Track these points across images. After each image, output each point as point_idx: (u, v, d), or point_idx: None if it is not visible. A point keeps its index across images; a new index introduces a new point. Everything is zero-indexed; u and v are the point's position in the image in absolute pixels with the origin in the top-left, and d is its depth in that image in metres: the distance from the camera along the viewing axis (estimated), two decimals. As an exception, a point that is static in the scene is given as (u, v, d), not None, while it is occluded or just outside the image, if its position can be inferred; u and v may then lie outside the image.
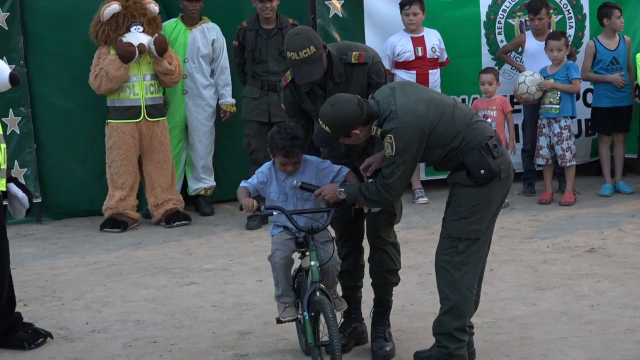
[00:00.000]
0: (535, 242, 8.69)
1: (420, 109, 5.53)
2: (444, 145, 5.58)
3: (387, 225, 6.20)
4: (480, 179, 5.60)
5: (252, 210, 5.76)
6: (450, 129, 5.58)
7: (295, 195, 5.93)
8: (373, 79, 5.92)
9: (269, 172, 5.98)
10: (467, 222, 5.64)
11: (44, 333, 6.58)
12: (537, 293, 7.27)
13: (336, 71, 5.86)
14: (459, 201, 5.68)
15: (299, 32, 5.76)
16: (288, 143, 5.77)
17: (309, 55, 5.65)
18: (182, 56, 10.04)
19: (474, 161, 5.59)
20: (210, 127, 10.27)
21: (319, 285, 5.70)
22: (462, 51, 10.72)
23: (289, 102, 6.08)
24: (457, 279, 5.66)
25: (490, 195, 5.66)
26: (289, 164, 5.86)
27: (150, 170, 9.83)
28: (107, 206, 9.78)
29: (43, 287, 7.85)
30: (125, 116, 9.63)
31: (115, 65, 9.47)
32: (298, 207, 5.93)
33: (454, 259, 5.65)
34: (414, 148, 5.48)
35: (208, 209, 10.30)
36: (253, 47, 9.73)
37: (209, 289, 7.67)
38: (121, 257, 8.74)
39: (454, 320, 5.69)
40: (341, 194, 5.77)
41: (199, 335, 6.63)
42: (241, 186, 6.02)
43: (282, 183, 5.95)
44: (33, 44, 9.91)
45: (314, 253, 5.76)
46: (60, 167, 10.10)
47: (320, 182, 5.92)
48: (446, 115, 5.59)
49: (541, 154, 10.25)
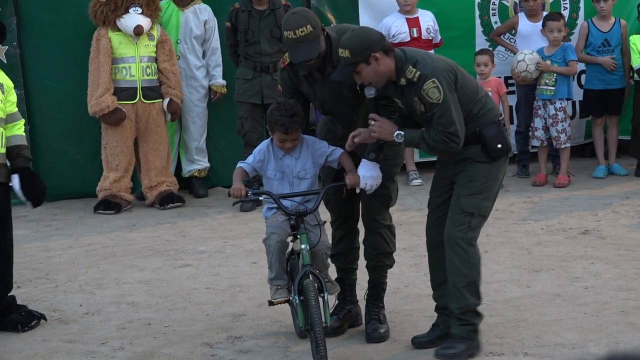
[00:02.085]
0: (530, 224, 8.69)
1: (446, 59, 5.66)
2: (467, 103, 5.59)
3: (383, 208, 6.19)
4: (495, 152, 5.63)
5: (240, 197, 5.73)
6: (472, 92, 5.63)
7: (292, 174, 5.90)
8: None
9: (267, 149, 5.95)
10: (481, 198, 5.67)
11: (38, 315, 6.58)
12: (531, 275, 7.28)
13: (335, 55, 5.76)
14: (472, 176, 5.68)
15: (297, 12, 5.74)
16: (287, 119, 5.75)
17: (305, 34, 5.60)
18: (175, 37, 10.01)
19: (492, 134, 5.63)
20: (203, 108, 10.25)
21: (309, 269, 5.67)
22: (456, 32, 10.71)
23: (286, 84, 6.05)
24: (470, 255, 5.68)
25: (499, 172, 5.72)
26: (288, 141, 5.83)
27: (146, 151, 9.82)
28: (101, 187, 9.77)
29: (36, 269, 7.84)
30: (120, 97, 9.61)
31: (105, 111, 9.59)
32: (294, 186, 5.91)
33: (467, 235, 5.66)
34: (454, 91, 5.50)
35: (202, 191, 10.28)
36: (245, 28, 9.69)
37: (203, 271, 7.66)
38: (115, 239, 8.73)
39: (474, 297, 5.73)
40: (399, 136, 5.63)
41: (193, 317, 6.63)
42: (238, 167, 5.98)
43: (280, 161, 5.93)
44: (26, 25, 9.88)
45: (304, 236, 5.72)
46: (54, 148, 10.08)
47: (315, 161, 5.92)
48: (468, 77, 5.68)
49: (536, 135, 10.24)
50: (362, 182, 5.81)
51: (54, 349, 6.17)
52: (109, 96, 9.54)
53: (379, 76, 5.56)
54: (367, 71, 5.53)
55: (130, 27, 9.55)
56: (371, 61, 5.49)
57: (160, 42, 9.78)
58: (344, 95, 5.90)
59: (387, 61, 5.52)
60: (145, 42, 9.69)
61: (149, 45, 9.71)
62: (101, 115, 9.58)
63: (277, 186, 5.94)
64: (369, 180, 5.81)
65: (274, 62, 9.68)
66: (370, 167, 5.82)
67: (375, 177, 5.83)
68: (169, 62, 9.80)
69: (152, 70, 9.75)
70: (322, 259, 5.86)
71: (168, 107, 9.77)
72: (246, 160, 5.99)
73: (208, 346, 6.11)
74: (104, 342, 6.25)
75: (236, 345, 6.12)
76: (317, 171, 6.02)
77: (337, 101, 5.95)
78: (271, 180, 5.95)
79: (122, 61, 9.64)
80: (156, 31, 9.79)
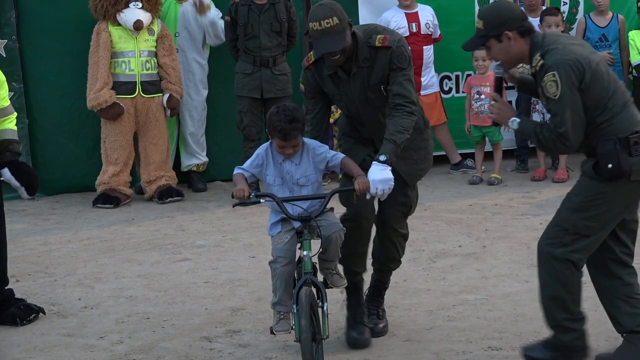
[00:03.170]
0: (529, 218, 8.69)
1: (586, 53, 5.15)
2: (592, 109, 5.11)
3: (402, 217, 5.99)
4: (604, 172, 5.13)
5: (243, 198, 5.40)
6: (603, 98, 5.11)
7: (291, 180, 5.58)
8: (394, 63, 5.63)
9: (266, 154, 5.61)
10: (582, 216, 5.22)
11: (37, 309, 6.57)
12: (530, 270, 7.26)
13: (361, 55, 5.61)
14: (577, 190, 5.29)
15: (324, 3, 5.53)
16: (286, 126, 5.40)
17: (330, 25, 5.42)
18: (173, 30, 10.02)
19: (605, 151, 5.11)
20: (202, 102, 10.25)
21: (310, 277, 5.37)
22: (456, 27, 10.69)
23: (309, 83, 5.82)
24: (559, 271, 5.28)
25: (613, 195, 5.18)
26: (288, 147, 5.48)
27: (145, 146, 9.82)
28: (100, 181, 9.77)
29: (35, 263, 7.84)
30: (119, 91, 9.62)
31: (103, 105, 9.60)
32: (294, 193, 5.59)
33: (556, 250, 5.27)
34: (575, 90, 5.04)
35: (201, 185, 10.29)
36: (245, 22, 9.69)
37: (201, 265, 7.66)
38: (114, 233, 8.73)
39: (560, 312, 5.36)
40: (514, 123, 5.31)
41: (191, 312, 6.63)
42: (236, 173, 5.61)
43: (279, 166, 5.59)
44: (26, 18, 9.87)
45: (307, 242, 5.42)
46: (53, 142, 10.07)
47: (315, 166, 5.59)
48: (606, 80, 5.13)
49: (534, 131, 10.24)
50: (372, 187, 5.48)
51: (52, 342, 6.17)
52: (107, 90, 9.54)
53: (509, 57, 5.26)
54: (497, 49, 5.25)
55: (130, 21, 9.55)
56: (503, 39, 5.19)
57: (161, 37, 9.78)
58: (369, 96, 5.73)
59: (520, 43, 5.20)
60: (145, 36, 9.69)
61: (149, 40, 9.71)
62: (99, 110, 9.59)
63: (276, 192, 5.58)
64: (379, 184, 5.48)
65: (274, 56, 9.68)
66: (380, 171, 5.50)
67: (386, 182, 5.48)
68: (169, 57, 9.79)
69: (151, 65, 9.75)
70: (335, 244, 5.56)
71: (167, 103, 9.77)
72: (243, 166, 5.64)
73: (207, 340, 6.11)
74: (102, 335, 6.25)
75: (235, 339, 6.12)
76: (320, 177, 5.67)
77: (362, 102, 5.77)
78: (270, 186, 5.62)
79: (121, 55, 9.64)
80: (156, 26, 9.79)
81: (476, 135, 10.27)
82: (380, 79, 5.66)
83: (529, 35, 5.21)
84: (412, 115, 5.63)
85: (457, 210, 9.03)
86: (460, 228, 8.46)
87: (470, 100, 10.24)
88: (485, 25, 5.22)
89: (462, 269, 7.37)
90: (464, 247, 7.92)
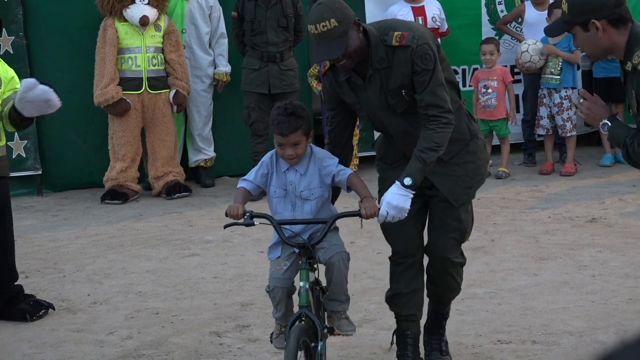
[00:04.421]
0: (537, 212, 8.69)
1: None
2: None
3: (456, 245, 5.21)
4: None
5: (237, 217, 4.83)
6: None
7: (294, 192, 4.96)
8: (417, 64, 4.80)
9: (270, 161, 5.01)
10: None
11: (46, 305, 6.59)
12: (539, 263, 7.27)
13: (376, 55, 4.84)
14: None
15: (322, 2, 4.77)
16: (283, 118, 4.82)
17: (327, 29, 4.66)
18: (180, 27, 10.02)
19: None
20: (208, 98, 10.26)
21: (304, 312, 4.81)
22: (463, 21, 10.70)
23: (328, 92, 5.12)
24: None
25: None
26: (287, 146, 4.86)
27: (152, 142, 9.84)
28: (108, 177, 9.78)
29: (44, 259, 7.85)
30: (126, 88, 9.63)
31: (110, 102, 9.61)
32: (296, 207, 4.98)
33: None
34: None
35: (208, 181, 10.30)
36: (252, 17, 9.69)
37: (210, 260, 7.67)
38: (122, 228, 8.74)
39: None
40: (604, 127, 4.56)
41: (200, 307, 6.64)
42: (239, 187, 5.04)
43: (283, 176, 4.98)
44: (32, 15, 9.88)
45: (305, 272, 4.84)
46: (61, 139, 10.09)
47: (322, 179, 4.94)
48: None
49: (541, 124, 10.24)
50: (383, 209, 4.79)
51: (62, 338, 6.18)
52: (113, 87, 9.55)
53: (596, 48, 4.44)
54: (583, 38, 4.44)
55: (136, 17, 9.56)
56: (590, 28, 4.36)
57: (167, 32, 9.78)
58: (389, 103, 4.94)
59: (612, 34, 4.36)
60: (151, 32, 9.70)
61: (155, 36, 9.72)
62: (106, 106, 9.60)
63: (277, 205, 5.02)
64: (392, 210, 4.77)
65: (281, 51, 9.68)
66: (399, 196, 4.78)
67: (401, 210, 4.78)
68: (176, 53, 9.80)
69: (158, 61, 9.76)
70: (339, 272, 4.92)
71: (174, 99, 9.78)
72: (247, 176, 5.05)
73: (216, 335, 6.12)
74: (112, 331, 6.26)
75: (244, 334, 6.13)
76: (326, 193, 5.00)
77: (383, 110, 4.99)
78: (272, 199, 5.02)
79: (128, 51, 9.65)
80: (163, 22, 9.80)
81: (483, 129, 10.25)
82: (402, 83, 4.86)
83: (624, 24, 4.38)
84: (448, 125, 4.82)
85: (465, 204, 9.02)
86: (469, 222, 8.45)
87: (477, 94, 10.24)
88: (571, 9, 4.40)
89: (471, 262, 7.35)
90: (472, 241, 7.87)
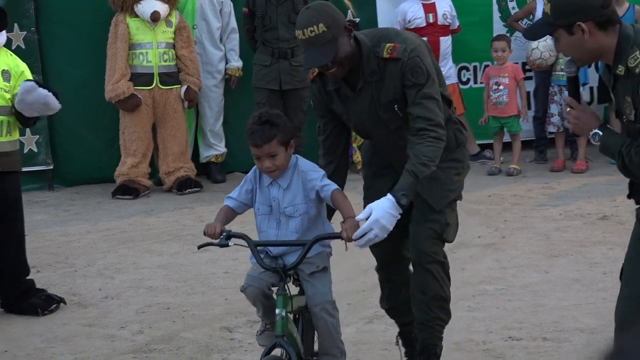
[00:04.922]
0: (548, 209, 8.68)
1: None
2: None
3: (435, 239, 4.86)
4: None
5: (213, 237, 4.61)
6: None
7: (278, 209, 4.67)
8: (409, 78, 4.57)
9: (254, 176, 4.74)
10: None
11: (57, 299, 6.60)
12: (550, 260, 7.27)
13: (367, 67, 4.63)
14: None
15: (311, 6, 4.59)
16: (257, 127, 4.54)
17: (315, 34, 4.45)
18: (191, 22, 10.03)
19: None
20: (220, 94, 10.27)
21: (280, 342, 4.54)
22: (474, 18, 10.69)
23: (316, 99, 4.87)
24: None
25: None
26: (264, 158, 4.55)
27: (163, 137, 9.85)
28: (119, 172, 9.80)
29: (56, 254, 7.87)
30: (137, 83, 9.64)
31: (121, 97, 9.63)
32: (281, 225, 4.68)
33: None
34: None
35: (219, 176, 10.30)
36: (263, 13, 9.69)
37: (221, 255, 7.66)
38: (133, 224, 8.75)
39: None
40: (594, 137, 4.16)
41: (211, 302, 6.65)
42: (224, 205, 4.81)
43: (266, 190, 4.70)
44: (44, 10, 9.89)
45: (281, 299, 4.54)
46: (72, 134, 10.10)
47: (306, 194, 4.62)
48: None
49: (552, 122, 10.23)
50: (367, 226, 4.39)
51: (73, 332, 6.19)
52: (124, 82, 9.57)
53: (582, 52, 4.08)
54: (567, 42, 4.06)
55: (147, 12, 9.57)
56: (575, 31, 3.99)
57: (179, 28, 9.79)
58: (381, 117, 4.72)
59: (599, 37, 3.99)
60: (162, 28, 9.70)
61: (166, 32, 9.72)
62: (117, 101, 9.61)
63: (261, 223, 4.76)
64: (376, 228, 4.38)
65: (292, 47, 9.68)
66: (390, 215, 4.41)
67: (386, 231, 4.42)
68: (187, 48, 9.81)
69: (169, 57, 9.76)
70: (324, 324, 4.63)
71: (185, 95, 9.78)
72: (232, 194, 4.80)
73: (227, 330, 6.13)
74: (123, 326, 6.27)
75: (255, 329, 6.09)
76: (312, 210, 4.68)
77: (373, 124, 4.77)
78: (256, 216, 4.76)
79: (139, 47, 9.66)
80: (174, 17, 9.80)
81: (494, 126, 10.25)
82: (393, 97, 4.64)
83: (612, 26, 4.02)
84: (438, 141, 4.54)
85: (476, 201, 9.01)
86: (480, 219, 8.46)
87: (488, 91, 10.23)
88: (554, 11, 4.02)
89: (482, 259, 7.37)
90: (483, 237, 7.92)
